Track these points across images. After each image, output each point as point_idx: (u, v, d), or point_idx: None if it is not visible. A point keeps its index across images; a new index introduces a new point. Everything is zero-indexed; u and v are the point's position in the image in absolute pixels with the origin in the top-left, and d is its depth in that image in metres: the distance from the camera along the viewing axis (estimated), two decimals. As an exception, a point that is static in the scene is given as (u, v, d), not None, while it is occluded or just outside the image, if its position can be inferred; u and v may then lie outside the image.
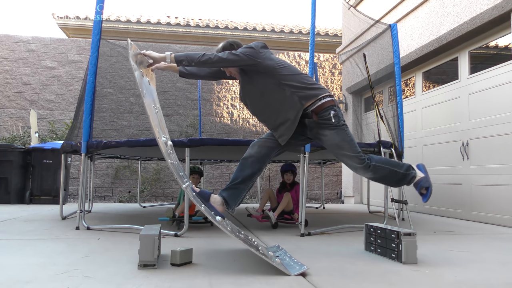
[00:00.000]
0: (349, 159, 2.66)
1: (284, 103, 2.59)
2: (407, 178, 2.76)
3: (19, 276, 2.03)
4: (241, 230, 2.76)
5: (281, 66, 2.63)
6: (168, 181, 8.53)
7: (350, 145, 2.63)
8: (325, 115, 2.57)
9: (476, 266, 2.45)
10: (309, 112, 2.60)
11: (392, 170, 2.71)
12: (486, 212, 4.83)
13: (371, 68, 6.77)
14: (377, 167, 2.67)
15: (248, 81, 2.69)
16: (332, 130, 2.59)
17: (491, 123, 4.80)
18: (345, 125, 2.63)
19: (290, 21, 26.67)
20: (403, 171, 2.74)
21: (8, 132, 8.12)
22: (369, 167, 2.64)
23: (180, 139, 3.77)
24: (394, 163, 2.77)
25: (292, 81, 2.60)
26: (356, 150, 2.64)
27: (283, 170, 4.60)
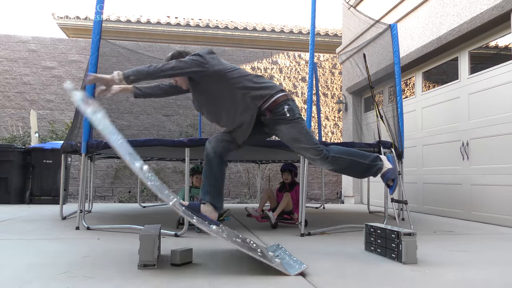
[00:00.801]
0: (306, 151, 2.67)
1: (238, 106, 2.61)
2: (373, 169, 2.76)
3: (19, 276, 2.03)
4: (239, 234, 2.76)
5: (230, 70, 2.63)
6: (168, 181, 8.53)
7: (306, 137, 2.64)
8: (279, 111, 2.60)
9: (476, 266, 2.45)
10: (263, 110, 2.63)
11: (354, 161, 2.70)
12: (486, 212, 4.83)
13: (371, 68, 6.77)
14: (336, 158, 2.66)
15: (199, 90, 2.70)
16: (288, 124, 2.62)
17: (491, 123, 4.80)
18: (300, 118, 2.65)
19: (290, 21, 26.67)
20: (368, 162, 2.73)
21: (8, 132, 8.12)
22: (327, 158, 2.64)
23: (180, 139, 3.77)
24: (357, 153, 2.75)
25: (243, 83, 2.61)
26: (312, 141, 2.65)
27: (282, 169, 4.61)
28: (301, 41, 10.82)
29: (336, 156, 2.66)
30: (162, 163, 8.47)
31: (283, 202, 4.21)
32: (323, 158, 2.64)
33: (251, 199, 8.49)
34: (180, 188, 8.51)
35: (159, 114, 8.68)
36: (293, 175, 4.65)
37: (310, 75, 3.78)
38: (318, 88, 8.12)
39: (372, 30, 6.62)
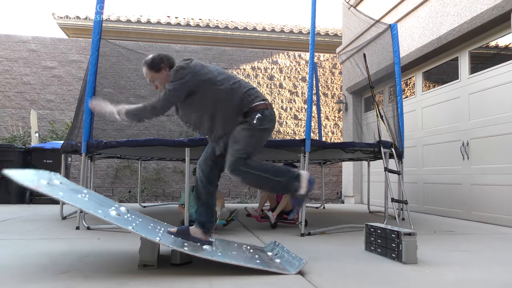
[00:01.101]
0: (232, 155, 2.45)
1: (221, 119, 2.49)
2: (286, 189, 2.52)
3: (19, 276, 2.03)
4: (235, 242, 2.75)
5: (218, 82, 2.48)
6: (168, 181, 8.53)
7: (245, 145, 2.43)
8: (251, 116, 2.46)
9: (476, 266, 2.45)
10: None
11: (265, 178, 2.46)
12: (486, 212, 4.83)
13: (371, 68, 6.77)
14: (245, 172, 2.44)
15: (184, 102, 2.54)
16: (246, 129, 2.45)
17: (491, 123, 4.80)
18: (263, 129, 2.47)
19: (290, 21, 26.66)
20: (283, 181, 2.47)
21: (8, 132, 8.13)
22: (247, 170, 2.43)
23: (180, 139, 3.78)
24: (274, 171, 2.49)
25: (227, 98, 2.47)
26: (245, 152, 2.42)
27: None
28: (301, 41, 10.82)
29: (246, 170, 2.43)
30: (162, 163, 8.47)
31: (282, 202, 4.21)
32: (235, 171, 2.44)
33: (251, 199, 8.49)
34: (180, 188, 8.51)
35: (159, 114, 8.67)
36: None
37: (310, 75, 3.78)
38: (318, 88, 8.12)
39: (372, 30, 6.62)
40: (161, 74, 2.53)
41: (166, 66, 2.53)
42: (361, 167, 8.18)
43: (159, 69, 2.52)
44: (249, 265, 2.18)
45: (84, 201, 2.24)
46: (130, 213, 2.53)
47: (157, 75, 2.53)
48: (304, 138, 3.71)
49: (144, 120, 2.57)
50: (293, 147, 3.87)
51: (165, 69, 2.53)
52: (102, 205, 2.37)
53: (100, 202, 2.44)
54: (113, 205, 2.54)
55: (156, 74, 2.53)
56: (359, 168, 8.22)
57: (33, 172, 2.35)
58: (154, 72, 2.53)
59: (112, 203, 2.63)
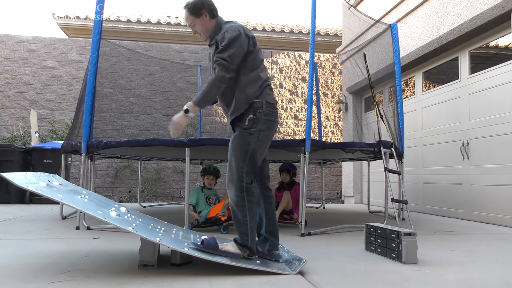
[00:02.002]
0: (229, 169, 2.35)
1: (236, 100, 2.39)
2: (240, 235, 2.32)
3: (19, 276, 2.03)
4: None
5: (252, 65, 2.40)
6: (168, 181, 8.53)
7: (241, 158, 2.31)
8: (244, 117, 2.35)
9: (476, 266, 2.45)
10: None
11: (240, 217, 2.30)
12: (486, 212, 4.83)
13: (371, 68, 6.77)
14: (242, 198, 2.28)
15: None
16: (238, 132, 2.36)
17: (491, 123, 4.80)
18: (256, 133, 2.32)
19: (290, 21, 26.66)
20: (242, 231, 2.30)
21: (8, 132, 8.13)
22: (242, 191, 2.29)
23: (180, 139, 3.78)
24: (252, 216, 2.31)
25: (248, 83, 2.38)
26: (242, 167, 2.30)
27: (280, 169, 4.60)
28: (301, 41, 10.82)
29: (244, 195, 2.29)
30: (162, 163, 8.47)
31: (283, 202, 4.21)
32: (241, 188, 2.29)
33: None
34: (180, 188, 8.51)
35: (159, 114, 8.68)
36: (292, 175, 4.65)
37: (310, 75, 3.78)
38: (318, 88, 8.12)
39: (372, 30, 6.62)
40: (201, 20, 2.45)
41: (207, 11, 2.44)
42: (361, 167, 8.18)
43: (200, 14, 2.44)
44: (249, 265, 2.18)
45: (84, 203, 2.24)
46: (130, 213, 2.53)
47: (198, 20, 2.46)
48: (304, 138, 3.71)
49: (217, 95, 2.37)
50: (293, 147, 3.87)
51: (205, 14, 2.44)
52: (102, 206, 2.37)
53: (100, 203, 2.44)
54: (113, 206, 2.54)
55: (196, 19, 2.46)
56: (359, 168, 8.22)
57: (31, 174, 2.35)
58: (195, 17, 2.45)
59: (112, 203, 2.63)
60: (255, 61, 2.42)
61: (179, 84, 8.83)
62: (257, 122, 2.34)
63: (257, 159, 2.37)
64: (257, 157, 2.36)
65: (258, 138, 2.34)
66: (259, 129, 2.34)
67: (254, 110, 2.35)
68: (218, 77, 2.29)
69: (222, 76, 2.29)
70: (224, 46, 2.31)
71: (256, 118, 2.34)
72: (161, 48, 8.88)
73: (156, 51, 8.80)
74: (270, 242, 2.43)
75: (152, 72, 8.74)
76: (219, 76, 2.28)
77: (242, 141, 2.33)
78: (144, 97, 8.65)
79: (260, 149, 2.38)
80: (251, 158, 2.33)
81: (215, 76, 2.30)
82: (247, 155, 2.32)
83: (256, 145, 2.34)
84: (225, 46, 2.31)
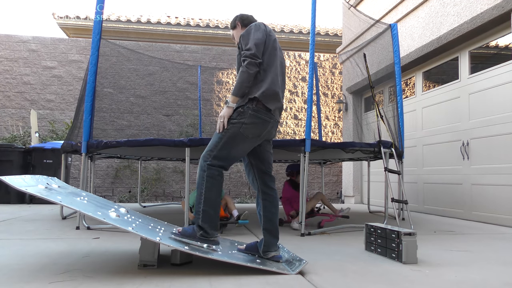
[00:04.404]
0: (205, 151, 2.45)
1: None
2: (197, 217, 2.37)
3: (19, 276, 2.03)
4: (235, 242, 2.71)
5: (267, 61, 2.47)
6: (168, 181, 8.53)
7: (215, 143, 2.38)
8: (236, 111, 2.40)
9: (476, 266, 2.45)
10: None
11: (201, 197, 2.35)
12: (486, 211, 4.83)
13: (371, 68, 6.77)
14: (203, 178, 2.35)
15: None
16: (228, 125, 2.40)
17: (491, 123, 4.80)
18: (238, 124, 2.35)
19: (290, 21, 26.67)
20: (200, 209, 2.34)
21: (8, 132, 8.13)
22: (204, 171, 2.35)
23: (181, 139, 3.78)
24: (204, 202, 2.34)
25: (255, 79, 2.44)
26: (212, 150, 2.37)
27: (296, 171, 4.53)
28: (301, 41, 10.82)
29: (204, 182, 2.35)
30: (162, 163, 8.47)
31: (315, 200, 4.42)
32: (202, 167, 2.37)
33: (251, 199, 8.49)
34: (180, 188, 8.51)
35: (159, 114, 8.68)
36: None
37: (310, 75, 3.78)
38: (318, 88, 8.12)
39: (372, 30, 6.62)
40: (236, 30, 2.73)
41: (240, 22, 2.70)
42: (361, 167, 8.18)
43: (234, 26, 2.73)
44: (249, 264, 2.18)
45: (83, 204, 2.24)
46: (130, 214, 2.53)
47: (234, 31, 2.74)
48: (304, 138, 3.71)
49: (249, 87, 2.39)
50: (293, 147, 3.87)
51: (239, 25, 2.71)
52: (101, 207, 2.37)
53: (99, 204, 2.44)
54: (113, 207, 2.54)
55: (233, 30, 2.75)
56: (359, 168, 8.22)
57: (30, 177, 2.35)
58: (231, 29, 2.76)
59: (111, 204, 2.63)
60: (268, 60, 2.47)
61: (179, 84, 8.83)
62: (242, 115, 2.37)
63: (233, 150, 2.38)
64: (232, 148, 2.38)
65: (240, 129, 2.35)
66: (242, 121, 2.36)
67: (245, 104, 2.38)
68: (245, 65, 2.35)
69: (249, 62, 2.35)
70: (244, 41, 2.44)
71: (243, 111, 2.37)
72: (161, 48, 8.88)
73: (156, 51, 8.80)
74: (265, 240, 2.41)
75: (152, 72, 8.74)
76: (246, 64, 2.35)
77: (224, 131, 2.39)
78: (144, 97, 8.65)
79: (239, 142, 2.38)
80: (224, 146, 2.36)
81: (242, 67, 2.37)
82: (221, 141, 2.37)
83: (234, 135, 2.36)
84: (244, 40, 2.43)
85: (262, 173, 2.52)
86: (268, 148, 2.55)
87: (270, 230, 2.42)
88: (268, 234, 2.42)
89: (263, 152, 2.53)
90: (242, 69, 2.35)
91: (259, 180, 2.51)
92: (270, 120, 2.43)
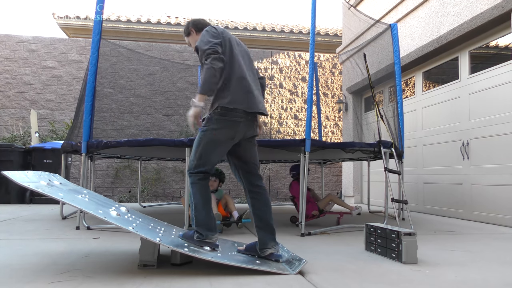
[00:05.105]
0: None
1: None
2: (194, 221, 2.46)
3: (20, 276, 2.03)
4: (235, 243, 2.73)
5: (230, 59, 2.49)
6: (168, 181, 8.53)
7: (193, 153, 2.44)
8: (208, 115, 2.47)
9: (476, 266, 2.45)
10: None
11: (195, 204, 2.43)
12: (487, 212, 4.83)
13: (371, 68, 6.77)
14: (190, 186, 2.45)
15: None
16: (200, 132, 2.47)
17: (491, 123, 4.80)
18: (209, 131, 2.40)
19: (290, 21, 26.66)
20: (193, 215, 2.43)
21: (8, 132, 8.13)
22: (190, 178, 2.45)
23: (181, 139, 3.78)
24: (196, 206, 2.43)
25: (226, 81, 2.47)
26: (193, 160, 2.44)
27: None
28: (301, 41, 10.82)
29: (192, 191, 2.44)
30: (162, 163, 8.47)
31: (325, 201, 4.59)
32: (188, 175, 2.46)
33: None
34: (180, 188, 8.51)
35: (159, 114, 8.68)
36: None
37: (310, 75, 3.79)
38: (318, 88, 8.12)
39: (372, 30, 6.62)
40: (191, 37, 2.76)
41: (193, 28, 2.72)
42: (361, 167, 8.18)
43: (189, 33, 2.76)
44: (249, 266, 2.18)
45: (84, 202, 2.24)
46: (131, 213, 2.53)
47: (188, 38, 2.78)
48: (304, 138, 3.71)
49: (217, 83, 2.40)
50: (293, 147, 3.87)
51: (193, 31, 2.73)
52: (102, 205, 2.37)
53: (100, 202, 2.44)
54: (114, 205, 2.53)
55: (187, 38, 2.78)
56: (359, 168, 8.22)
57: (32, 173, 2.35)
58: (186, 36, 2.79)
59: (112, 203, 2.63)
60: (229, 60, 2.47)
61: (179, 84, 8.83)
62: (210, 121, 2.43)
63: (210, 155, 2.44)
64: (210, 153, 2.44)
65: (212, 136, 2.41)
66: (211, 128, 2.42)
67: (211, 110, 2.46)
68: (209, 61, 2.33)
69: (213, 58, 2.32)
70: (201, 44, 2.41)
71: (210, 117, 2.45)
72: (161, 48, 8.88)
73: (156, 51, 8.80)
74: (259, 238, 2.42)
75: (152, 72, 8.74)
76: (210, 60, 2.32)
77: (197, 138, 2.48)
78: (144, 97, 8.65)
79: (215, 147, 2.43)
80: (202, 154, 2.43)
81: (206, 64, 2.35)
82: (198, 151, 2.44)
83: (208, 142, 2.42)
84: (202, 42, 2.41)
85: (246, 173, 2.55)
86: (249, 147, 2.56)
87: (262, 227, 2.44)
88: (261, 231, 2.44)
89: (243, 152, 2.55)
90: (206, 66, 2.31)
91: (245, 180, 2.55)
92: (240, 120, 2.44)
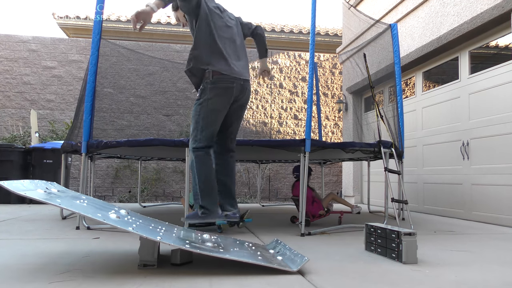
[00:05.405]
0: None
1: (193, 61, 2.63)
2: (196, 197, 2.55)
3: (19, 276, 2.03)
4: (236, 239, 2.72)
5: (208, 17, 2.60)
6: (168, 181, 8.53)
7: (194, 128, 2.51)
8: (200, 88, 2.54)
9: (476, 266, 2.45)
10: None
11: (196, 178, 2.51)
12: (487, 211, 4.83)
13: (371, 68, 6.77)
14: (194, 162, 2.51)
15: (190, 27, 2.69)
16: (195, 104, 2.55)
17: (491, 123, 4.80)
18: (205, 102, 2.46)
19: (290, 21, 26.66)
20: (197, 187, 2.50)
21: (8, 132, 8.13)
22: (192, 153, 2.50)
23: (181, 139, 3.78)
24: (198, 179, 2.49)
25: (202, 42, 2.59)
26: (195, 135, 2.50)
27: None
28: (301, 41, 10.82)
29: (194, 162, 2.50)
30: (162, 163, 8.47)
31: (327, 200, 4.58)
32: (191, 149, 2.53)
33: (251, 199, 8.49)
34: (180, 188, 8.51)
35: (159, 114, 8.68)
36: None
37: (310, 75, 3.78)
38: (318, 88, 8.12)
39: (372, 30, 6.62)
40: (179, 12, 2.78)
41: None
42: (361, 167, 8.18)
43: (177, 7, 2.79)
44: (251, 261, 2.18)
45: (82, 206, 2.24)
46: (131, 215, 2.52)
47: (176, 12, 2.81)
48: (304, 138, 3.71)
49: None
50: (293, 147, 3.87)
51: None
52: (101, 209, 2.37)
53: (99, 206, 2.44)
54: (113, 209, 2.53)
55: (175, 12, 2.81)
56: (359, 168, 8.22)
57: (29, 181, 2.36)
58: (173, 10, 2.83)
59: (111, 206, 2.63)
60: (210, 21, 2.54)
61: (179, 84, 8.83)
62: (204, 92, 2.48)
63: (211, 125, 2.49)
64: (210, 124, 2.49)
65: (208, 107, 2.46)
66: (206, 98, 2.47)
67: (203, 81, 2.50)
68: None
69: None
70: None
71: (203, 88, 2.49)
72: (161, 48, 8.88)
73: (156, 51, 8.80)
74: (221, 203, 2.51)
75: (152, 72, 8.74)
76: None
77: (194, 111, 2.52)
78: (144, 97, 8.65)
79: (213, 116, 2.49)
80: (203, 126, 2.47)
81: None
82: (199, 124, 2.48)
83: (207, 113, 2.48)
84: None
85: (226, 138, 2.62)
86: (236, 112, 2.62)
87: (225, 193, 2.54)
88: (220, 195, 2.53)
89: (229, 115, 2.61)
90: None
91: (218, 141, 2.62)
92: (233, 84, 2.46)
